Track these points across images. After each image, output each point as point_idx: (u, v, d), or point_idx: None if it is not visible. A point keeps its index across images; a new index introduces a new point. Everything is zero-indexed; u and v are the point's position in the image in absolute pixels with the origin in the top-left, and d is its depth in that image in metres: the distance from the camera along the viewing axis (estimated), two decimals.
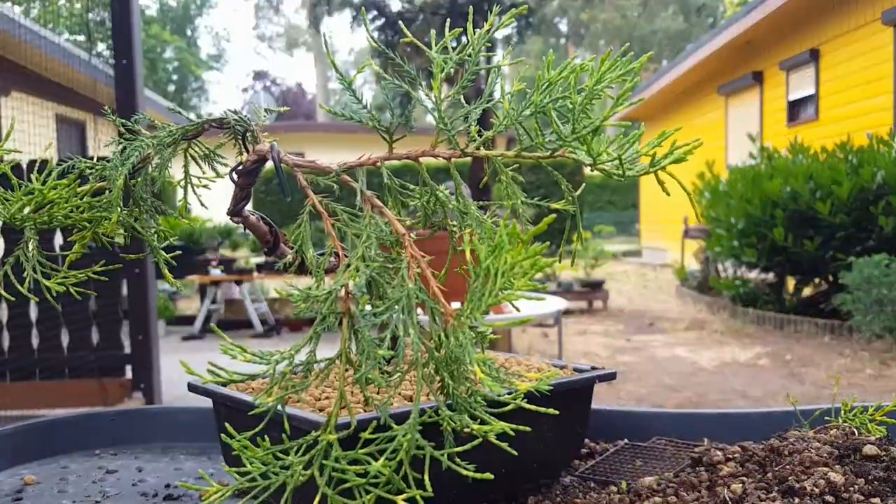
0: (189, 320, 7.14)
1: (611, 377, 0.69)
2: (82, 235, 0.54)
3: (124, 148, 0.50)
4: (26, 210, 0.51)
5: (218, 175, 0.52)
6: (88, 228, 0.54)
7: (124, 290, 3.69)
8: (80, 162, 0.51)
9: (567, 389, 0.64)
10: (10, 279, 0.52)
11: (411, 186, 0.47)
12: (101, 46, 3.78)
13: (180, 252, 0.61)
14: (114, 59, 2.58)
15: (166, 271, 0.55)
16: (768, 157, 6.62)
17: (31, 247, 0.54)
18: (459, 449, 0.44)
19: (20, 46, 4.14)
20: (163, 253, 0.55)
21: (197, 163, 0.53)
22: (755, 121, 10.50)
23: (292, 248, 0.47)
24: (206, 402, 0.87)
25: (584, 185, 0.58)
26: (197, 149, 0.52)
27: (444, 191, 0.46)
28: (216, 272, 6.92)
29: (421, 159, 0.49)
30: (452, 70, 0.50)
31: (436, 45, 0.49)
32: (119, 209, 0.51)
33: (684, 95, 13.12)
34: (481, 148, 0.46)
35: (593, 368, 0.69)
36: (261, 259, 8.09)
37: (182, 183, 0.54)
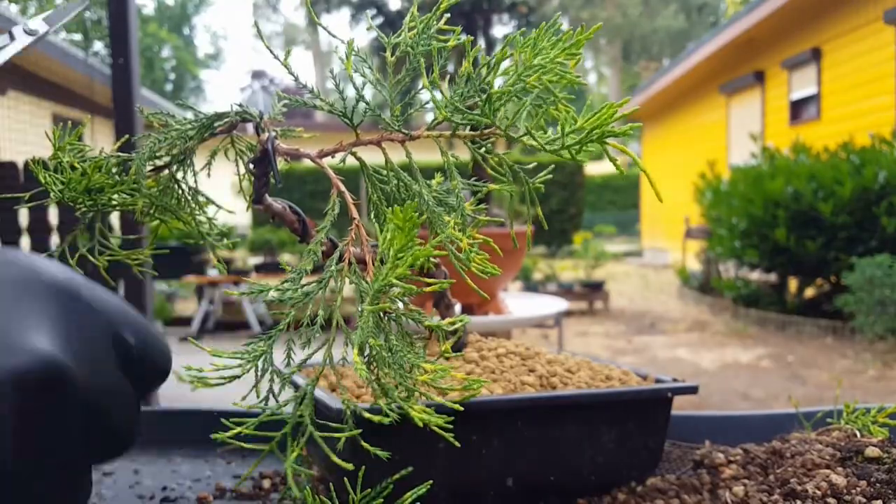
0: (186, 321, 7.13)
1: (689, 390, 0.62)
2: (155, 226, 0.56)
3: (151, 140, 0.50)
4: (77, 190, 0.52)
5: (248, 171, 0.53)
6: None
7: (122, 291, 3.69)
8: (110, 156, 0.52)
9: (618, 401, 0.60)
10: None
11: (383, 172, 0.46)
12: (97, 45, 3.77)
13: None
14: (111, 58, 2.58)
15: (219, 264, 0.56)
16: (770, 156, 6.62)
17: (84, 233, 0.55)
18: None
19: None
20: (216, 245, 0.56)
21: (227, 156, 0.54)
22: (757, 120, 10.49)
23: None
24: (205, 404, 0.87)
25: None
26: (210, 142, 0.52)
27: (405, 176, 0.45)
28: (214, 272, 6.92)
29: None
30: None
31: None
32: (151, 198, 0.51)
33: (686, 95, 13.11)
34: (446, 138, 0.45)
35: (674, 380, 0.64)
36: (259, 259, 8.09)
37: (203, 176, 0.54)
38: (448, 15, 0.47)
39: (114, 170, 0.51)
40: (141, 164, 0.49)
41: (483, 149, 0.45)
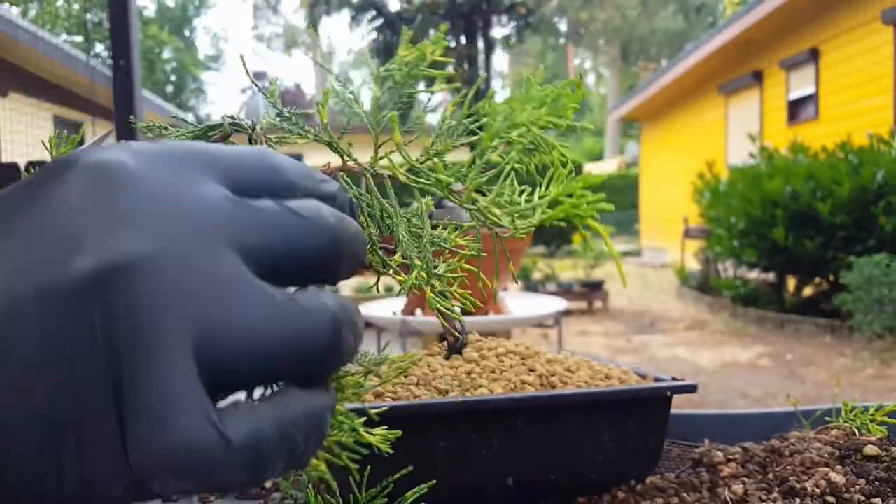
0: None
1: (688, 389, 0.62)
2: None
3: None
4: None
5: None
6: None
7: None
8: None
9: (617, 400, 0.60)
10: None
11: (368, 196, 0.46)
12: (98, 47, 3.77)
13: None
14: (112, 60, 2.58)
15: None
16: (768, 156, 6.62)
17: None
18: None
19: (18, 47, 4.14)
20: None
21: None
22: (755, 120, 10.50)
23: None
24: None
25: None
26: None
27: (388, 206, 0.45)
28: None
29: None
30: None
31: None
32: None
33: (684, 95, 13.12)
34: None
35: (674, 379, 0.64)
36: None
37: None
38: (446, 23, 0.47)
39: None
40: None
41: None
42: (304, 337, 0.23)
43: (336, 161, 0.46)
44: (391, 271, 0.44)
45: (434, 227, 0.45)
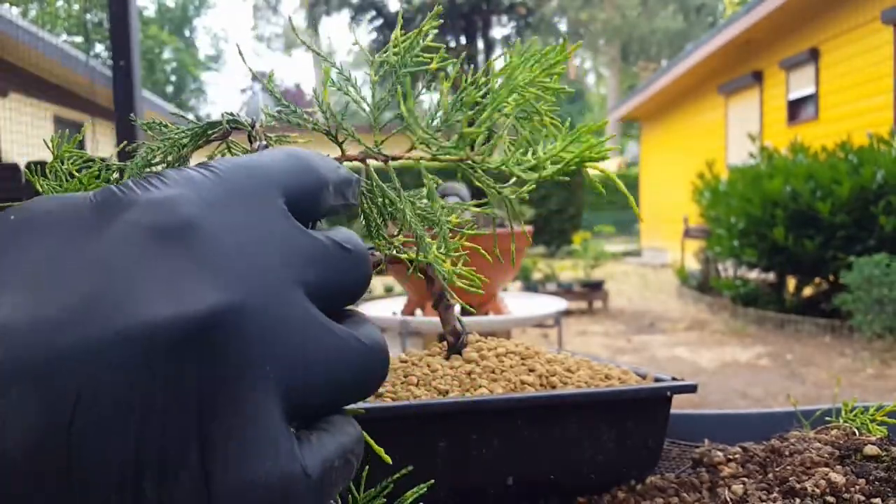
0: None
1: (688, 389, 0.61)
2: None
3: (141, 148, 0.50)
4: None
5: None
6: None
7: None
8: (105, 162, 0.52)
9: (617, 400, 0.60)
10: None
11: (371, 184, 0.46)
12: (99, 47, 3.77)
13: None
14: (112, 60, 2.58)
15: None
16: (768, 156, 6.62)
17: None
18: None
19: (18, 47, 4.14)
20: None
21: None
22: (755, 120, 10.50)
23: None
24: None
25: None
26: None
27: (390, 193, 0.45)
28: None
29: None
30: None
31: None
32: None
33: (684, 95, 13.12)
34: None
35: (674, 379, 0.63)
36: None
37: None
38: (436, 31, 0.47)
39: (114, 176, 0.51)
40: (135, 172, 0.50)
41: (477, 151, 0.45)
42: (369, 372, 0.26)
43: (335, 153, 0.46)
44: (395, 250, 0.44)
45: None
